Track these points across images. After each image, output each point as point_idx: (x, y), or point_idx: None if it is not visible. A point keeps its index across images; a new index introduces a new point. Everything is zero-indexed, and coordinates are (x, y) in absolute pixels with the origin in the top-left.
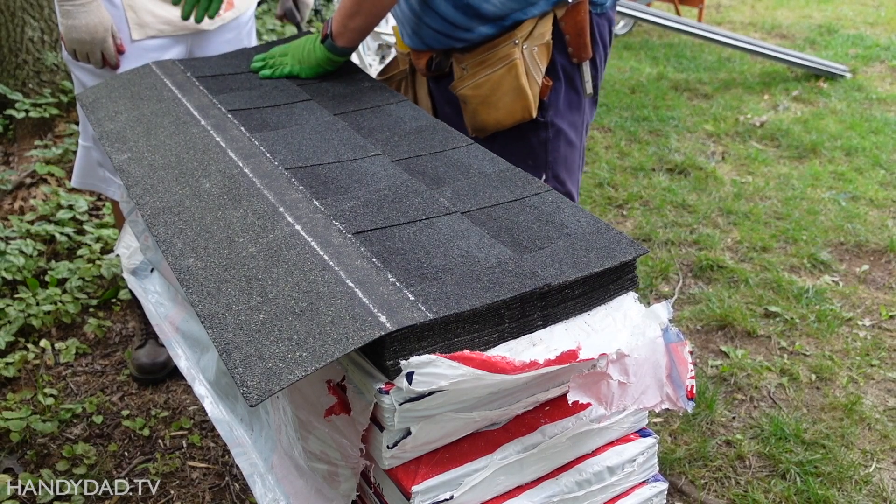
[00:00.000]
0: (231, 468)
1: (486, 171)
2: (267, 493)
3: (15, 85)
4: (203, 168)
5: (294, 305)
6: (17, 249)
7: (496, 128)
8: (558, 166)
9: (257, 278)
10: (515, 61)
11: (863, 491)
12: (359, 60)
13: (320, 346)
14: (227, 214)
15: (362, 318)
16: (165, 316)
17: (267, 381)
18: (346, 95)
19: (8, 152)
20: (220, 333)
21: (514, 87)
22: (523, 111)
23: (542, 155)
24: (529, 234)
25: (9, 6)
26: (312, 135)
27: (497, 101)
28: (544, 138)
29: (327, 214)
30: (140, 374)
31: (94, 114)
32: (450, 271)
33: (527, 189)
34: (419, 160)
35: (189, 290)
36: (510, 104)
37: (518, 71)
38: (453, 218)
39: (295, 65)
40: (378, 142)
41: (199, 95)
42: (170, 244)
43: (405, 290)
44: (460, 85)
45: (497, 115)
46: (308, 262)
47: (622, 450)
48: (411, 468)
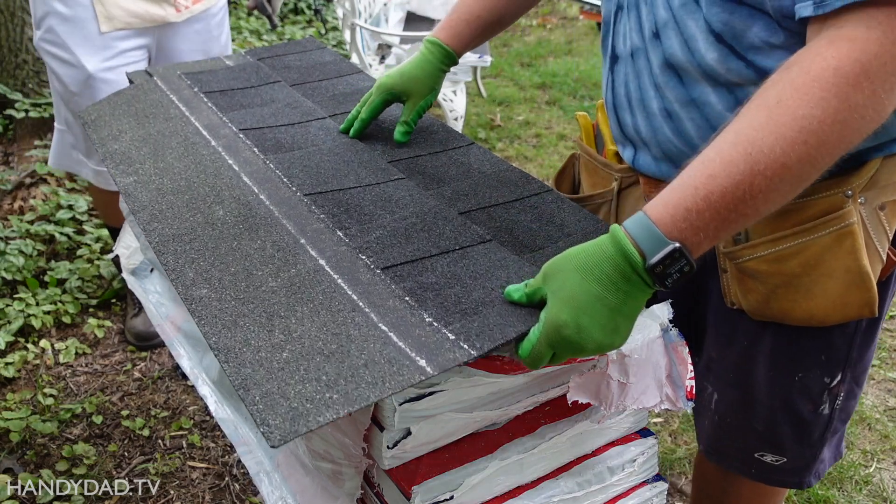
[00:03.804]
0: (231, 468)
1: (486, 171)
2: (274, 492)
3: (15, 85)
4: (216, 194)
5: (322, 346)
6: (16, 249)
7: (806, 323)
8: (862, 364)
9: (279, 315)
10: (851, 227)
11: (863, 491)
12: (359, 60)
13: (353, 389)
14: (243, 245)
15: (399, 361)
16: (166, 316)
17: (292, 421)
18: (346, 95)
19: (8, 152)
20: (238, 369)
21: (847, 267)
22: (861, 307)
23: (842, 350)
24: (529, 234)
25: (9, 6)
26: (330, 156)
27: (813, 287)
28: (851, 331)
29: (352, 247)
30: (137, 341)
31: (97, 132)
32: (490, 304)
33: (527, 189)
34: (419, 160)
35: (201, 322)
36: (839, 294)
37: (856, 243)
38: (488, 247)
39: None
40: (378, 142)
41: (208, 113)
42: (180, 273)
43: (444, 329)
44: (749, 252)
45: (811, 305)
46: (336, 301)
47: (622, 450)
48: (411, 468)
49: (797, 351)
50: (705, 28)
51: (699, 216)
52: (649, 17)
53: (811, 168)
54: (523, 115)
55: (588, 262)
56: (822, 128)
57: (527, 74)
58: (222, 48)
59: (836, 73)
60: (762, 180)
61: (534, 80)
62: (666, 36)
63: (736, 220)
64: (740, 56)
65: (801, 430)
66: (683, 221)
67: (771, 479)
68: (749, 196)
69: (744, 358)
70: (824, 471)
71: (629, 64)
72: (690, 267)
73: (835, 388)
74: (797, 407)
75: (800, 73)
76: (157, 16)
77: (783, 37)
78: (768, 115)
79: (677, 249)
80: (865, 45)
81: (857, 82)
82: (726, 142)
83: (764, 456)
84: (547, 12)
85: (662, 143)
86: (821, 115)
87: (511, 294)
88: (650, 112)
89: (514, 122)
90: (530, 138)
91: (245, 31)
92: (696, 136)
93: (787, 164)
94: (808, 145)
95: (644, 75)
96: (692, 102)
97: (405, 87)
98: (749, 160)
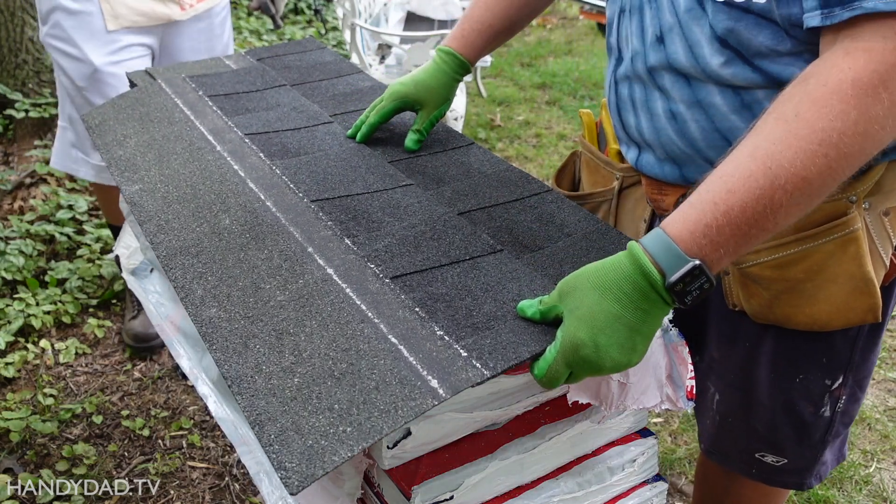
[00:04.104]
0: (231, 468)
1: (486, 171)
2: (274, 492)
3: (15, 85)
4: (221, 201)
5: (332, 367)
6: (16, 249)
7: (808, 328)
8: (865, 369)
9: (288, 332)
10: (856, 233)
11: (863, 491)
12: (359, 60)
13: (366, 420)
14: (250, 256)
15: (411, 382)
16: (166, 316)
17: (308, 462)
18: (346, 94)
19: (8, 152)
20: (251, 401)
21: (851, 274)
22: (864, 313)
23: (844, 354)
24: (529, 234)
25: (9, 6)
26: (337, 162)
27: (817, 292)
28: (853, 335)
29: (361, 255)
30: (135, 342)
31: (101, 138)
32: (502, 319)
33: (527, 189)
34: (419, 160)
35: (213, 347)
36: (842, 300)
37: (860, 249)
38: (499, 257)
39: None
40: (377, 143)
41: (214, 117)
42: (189, 291)
43: (455, 344)
44: (752, 257)
45: (814, 311)
46: (344, 312)
47: (622, 450)
48: (411, 468)
49: (798, 353)
50: (710, 34)
51: (719, 232)
52: (654, 21)
53: (831, 180)
54: (523, 115)
55: (606, 280)
56: (843, 140)
57: (527, 74)
58: (225, 47)
59: (854, 85)
60: (783, 194)
61: (534, 80)
62: (671, 41)
63: (756, 234)
64: (746, 61)
65: (801, 432)
66: (703, 238)
67: (772, 479)
68: (770, 210)
69: (746, 359)
70: (826, 472)
71: (631, 66)
72: (710, 284)
73: (836, 391)
74: (798, 409)
75: (817, 85)
76: (162, 14)
77: (790, 44)
78: (786, 129)
79: (697, 267)
80: (882, 55)
81: (876, 93)
82: (744, 156)
83: (765, 456)
84: (547, 12)
85: (665, 143)
86: (841, 128)
87: (524, 310)
88: (654, 113)
89: (514, 122)
90: (530, 138)
91: (245, 31)
92: (700, 137)
93: (808, 177)
94: (828, 158)
95: (644, 78)
96: (697, 104)
97: (419, 96)
98: (769, 174)
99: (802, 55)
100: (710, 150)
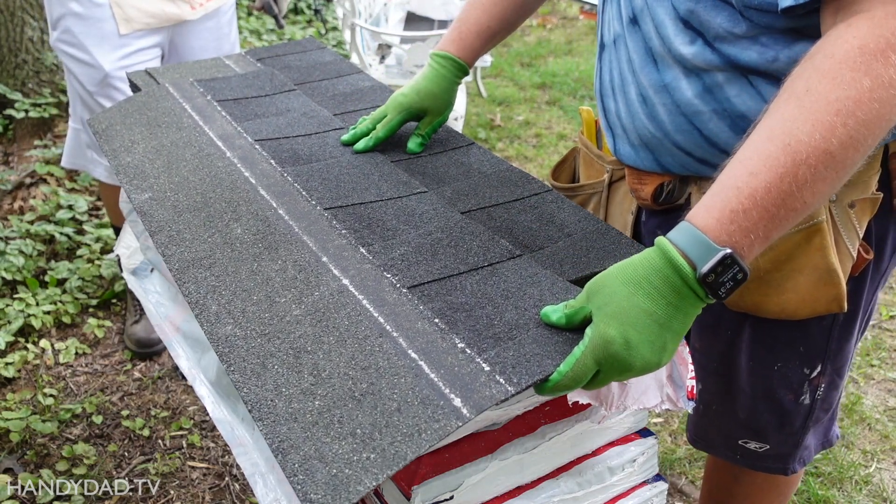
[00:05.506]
0: (231, 468)
1: (486, 171)
2: (269, 493)
3: (14, 85)
4: (233, 210)
5: (353, 387)
6: (16, 249)
7: (778, 316)
8: (842, 357)
9: (306, 350)
10: (820, 225)
11: (863, 491)
12: (359, 60)
13: (389, 445)
14: (263, 267)
15: (433, 402)
16: (166, 316)
17: (333, 492)
18: (346, 94)
19: (7, 152)
20: (273, 427)
21: (816, 265)
22: (829, 302)
23: (820, 342)
24: (530, 234)
25: (9, 6)
26: (350, 168)
27: (784, 282)
28: (828, 324)
29: (376, 265)
30: (137, 347)
31: (109, 143)
32: (524, 327)
33: (527, 189)
34: (419, 160)
35: (231, 369)
36: (808, 290)
37: (824, 241)
38: (519, 262)
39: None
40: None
41: (223, 123)
42: (203, 307)
43: (478, 357)
44: None
45: (782, 300)
46: (362, 326)
47: (622, 450)
48: (411, 468)
49: (775, 342)
50: (674, 14)
51: (746, 216)
52: (627, 4)
53: (854, 151)
54: (523, 115)
55: (636, 275)
56: (860, 107)
57: (527, 74)
58: (232, 46)
59: (862, 52)
60: (806, 170)
61: (534, 80)
62: (644, 22)
63: (785, 216)
64: (707, 42)
65: (782, 419)
66: (731, 224)
67: (756, 465)
68: (795, 188)
69: (728, 347)
70: (809, 457)
71: (612, 51)
72: (744, 274)
73: (815, 380)
74: (778, 396)
75: (824, 58)
76: (173, 14)
77: (745, 27)
78: (800, 105)
79: (728, 255)
80: (885, 20)
81: (886, 57)
82: (761, 138)
83: (748, 443)
84: (547, 12)
85: (639, 128)
86: (855, 96)
87: (548, 315)
88: (629, 98)
89: (514, 122)
90: (530, 138)
91: (245, 31)
92: (668, 121)
93: (829, 149)
94: (847, 127)
95: (623, 62)
96: (664, 88)
97: (423, 104)
98: (789, 151)
99: (758, 38)
100: (678, 133)
